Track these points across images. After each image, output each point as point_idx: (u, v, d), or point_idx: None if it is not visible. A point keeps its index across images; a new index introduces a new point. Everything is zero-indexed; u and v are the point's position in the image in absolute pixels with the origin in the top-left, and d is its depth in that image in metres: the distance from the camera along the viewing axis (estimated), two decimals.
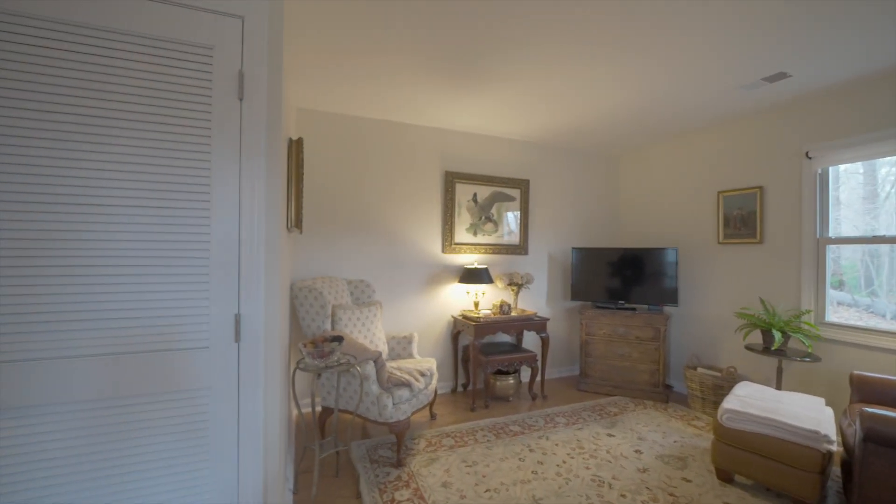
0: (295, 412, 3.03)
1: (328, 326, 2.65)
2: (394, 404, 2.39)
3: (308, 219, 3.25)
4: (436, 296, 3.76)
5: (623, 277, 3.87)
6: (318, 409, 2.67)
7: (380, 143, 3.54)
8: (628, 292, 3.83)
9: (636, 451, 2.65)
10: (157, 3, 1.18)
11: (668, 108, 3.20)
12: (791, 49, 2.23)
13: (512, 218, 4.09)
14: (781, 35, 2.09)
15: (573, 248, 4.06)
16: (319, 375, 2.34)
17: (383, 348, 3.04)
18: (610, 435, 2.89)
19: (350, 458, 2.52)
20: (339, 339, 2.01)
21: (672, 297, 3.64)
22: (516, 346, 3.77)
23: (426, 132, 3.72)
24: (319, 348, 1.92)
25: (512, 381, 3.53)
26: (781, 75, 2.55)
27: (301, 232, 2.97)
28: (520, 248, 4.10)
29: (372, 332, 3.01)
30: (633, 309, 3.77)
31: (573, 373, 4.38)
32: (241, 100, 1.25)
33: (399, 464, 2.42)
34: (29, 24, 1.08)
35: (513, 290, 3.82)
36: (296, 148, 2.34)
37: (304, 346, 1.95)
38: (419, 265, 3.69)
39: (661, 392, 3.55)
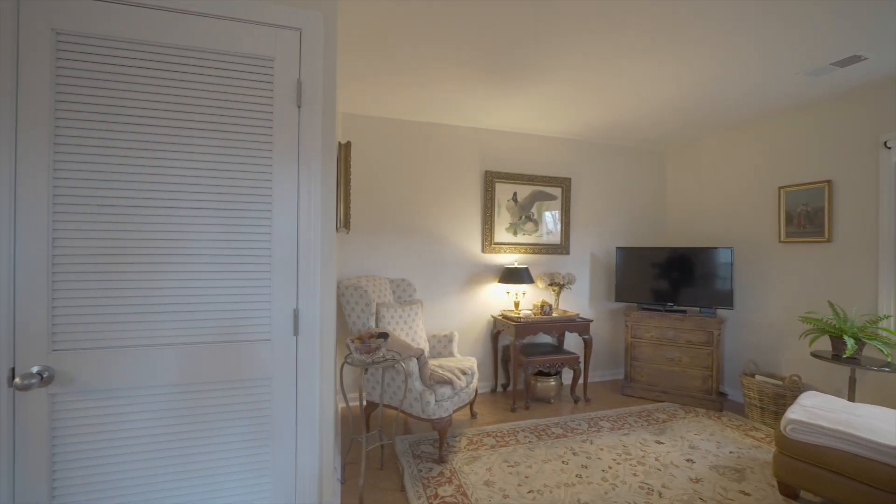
0: (341, 405, 3.15)
1: (372, 324, 2.74)
2: (436, 401, 2.43)
3: (353, 219, 3.37)
4: (475, 295, 3.77)
5: (671, 278, 3.70)
6: (363, 402, 2.76)
7: (419, 145, 3.60)
8: (677, 294, 3.66)
9: (687, 460, 2.53)
10: (226, 21, 1.27)
11: (721, 100, 3.03)
12: (867, 30, 2.05)
13: (552, 217, 4.02)
14: (857, 15, 1.93)
15: (617, 248, 3.93)
16: (366, 370, 2.43)
17: (424, 346, 3.09)
18: (658, 442, 2.78)
19: (394, 452, 2.59)
20: (385, 335, 2.07)
21: (726, 300, 3.44)
22: (558, 348, 3.71)
23: (466, 132, 3.74)
24: (366, 344, 1.99)
25: (553, 383, 3.48)
26: (855, 59, 2.35)
27: (348, 232, 3.09)
28: (561, 248, 4.03)
29: (413, 330, 3.07)
30: (683, 311, 3.60)
31: (617, 376, 4.24)
32: (299, 107, 1.32)
33: (441, 460, 2.45)
34: (126, 48, 1.20)
35: (554, 291, 3.75)
36: (344, 151, 2.44)
37: (352, 341, 2.03)
38: (459, 265, 3.72)
39: (715, 400, 3.37)
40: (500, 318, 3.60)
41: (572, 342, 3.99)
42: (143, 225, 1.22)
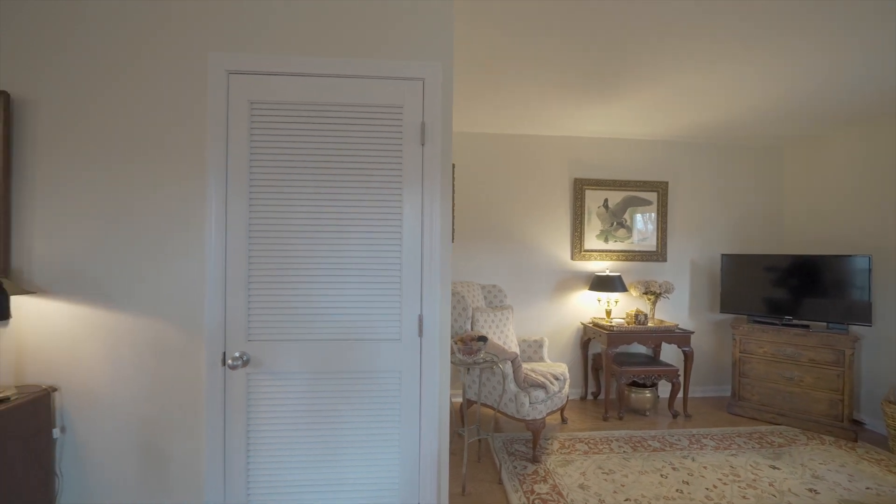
0: None
1: (468, 327, 2.96)
2: (530, 403, 2.55)
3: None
4: (565, 302, 3.80)
5: (791, 288, 3.35)
6: (464, 400, 2.99)
7: (509, 156, 3.75)
8: (798, 306, 3.30)
9: (810, 490, 2.32)
10: (366, 79, 1.57)
11: (854, 90, 2.69)
12: None
13: (645, 222, 3.88)
14: None
15: (723, 255, 3.66)
16: (468, 370, 2.65)
17: (515, 350, 3.23)
18: (774, 467, 2.57)
19: (489, 448, 2.77)
20: (484, 339, 2.26)
21: (863, 315, 3.02)
22: (653, 359, 3.57)
23: (554, 141, 3.80)
24: (468, 346, 2.20)
25: (649, 395, 3.37)
26: None
27: (452, 242, 3.37)
28: (657, 255, 3.87)
29: (505, 334, 3.23)
30: (806, 326, 3.24)
31: (721, 393, 3.93)
32: (422, 145, 1.57)
33: (535, 459, 2.57)
34: (295, 108, 1.55)
35: (649, 300, 3.63)
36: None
37: (455, 342, 2.26)
38: (548, 272, 3.79)
39: (847, 428, 2.98)
40: (590, 325, 3.59)
41: (669, 354, 3.80)
42: (308, 247, 1.56)
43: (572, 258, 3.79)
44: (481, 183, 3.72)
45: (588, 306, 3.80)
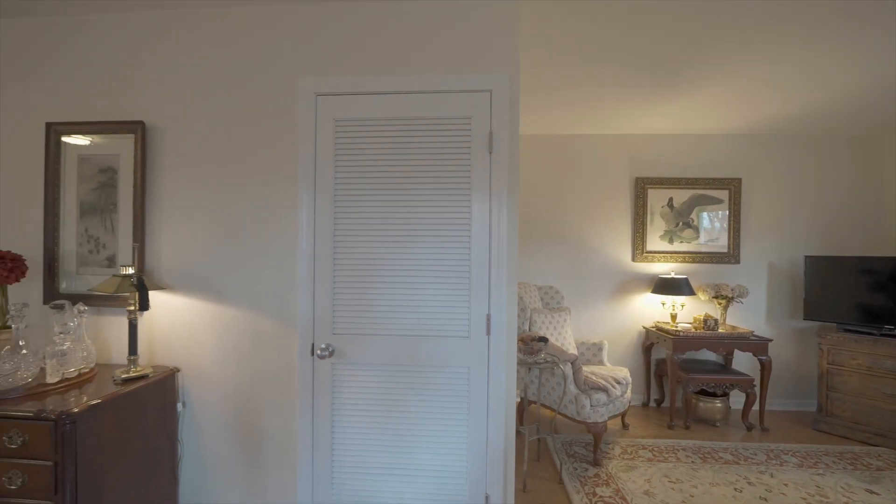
0: None
1: (527, 328, 3.00)
2: (591, 406, 2.55)
3: None
4: (625, 305, 3.70)
5: (891, 295, 3.01)
6: (525, 399, 3.04)
7: (566, 156, 3.73)
8: None
9: None
10: (437, 94, 1.69)
11: None
12: None
13: (713, 222, 3.67)
14: None
15: (806, 257, 3.37)
16: (529, 370, 2.70)
17: (574, 353, 3.21)
18: (871, 492, 2.35)
19: (548, 448, 2.80)
20: (544, 339, 2.30)
21: None
22: (724, 367, 3.38)
23: (613, 140, 3.72)
24: (529, 346, 2.25)
25: (720, 405, 3.20)
26: None
27: None
28: (728, 257, 3.65)
29: (563, 336, 3.22)
30: None
31: (805, 408, 3.62)
32: (490, 152, 1.66)
33: (596, 463, 2.56)
34: (373, 124, 1.71)
35: (720, 304, 3.44)
36: None
37: (516, 342, 2.32)
38: (607, 274, 3.71)
39: None
40: (653, 329, 3.47)
41: (743, 362, 3.56)
42: (385, 249, 1.71)
43: (633, 259, 3.69)
44: (538, 184, 3.73)
45: (651, 309, 3.67)
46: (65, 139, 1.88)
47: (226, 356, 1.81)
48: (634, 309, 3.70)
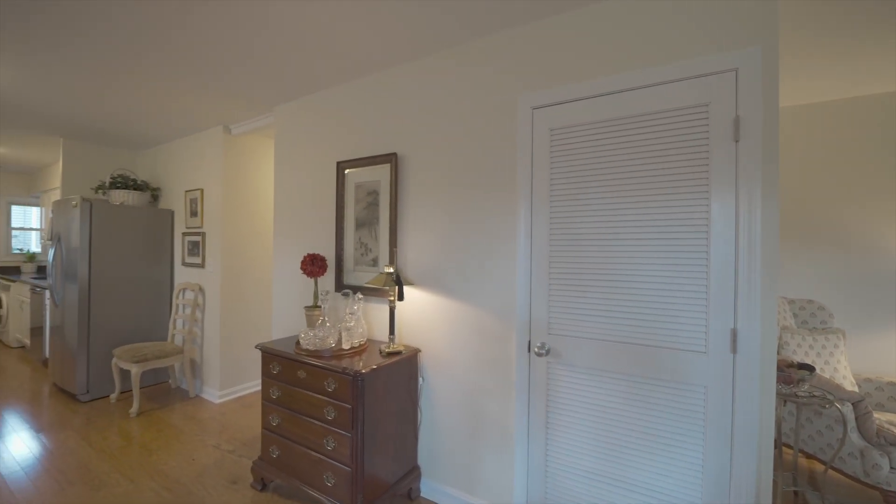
0: None
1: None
2: (891, 468, 1.86)
3: None
4: None
5: None
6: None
7: (827, 130, 2.83)
8: None
9: None
10: (662, 86, 1.56)
11: None
12: None
13: None
14: None
15: None
16: (785, 403, 2.18)
17: (854, 390, 2.40)
18: None
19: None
20: (809, 367, 1.81)
21: None
22: None
23: None
24: (785, 373, 1.81)
25: None
26: None
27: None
28: None
29: (831, 366, 2.46)
30: None
31: None
32: (736, 141, 1.42)
33: None
34: (588, 127, 1.72)
35: None
36: None
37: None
38: None
39: None
40: None
41: None
42: (603, 252, 1.68)
43: None
44: (787, 167, 2.95)
45: None
46: (347, 171, 2.58)
47: (455, 343, 2.12)
48: None
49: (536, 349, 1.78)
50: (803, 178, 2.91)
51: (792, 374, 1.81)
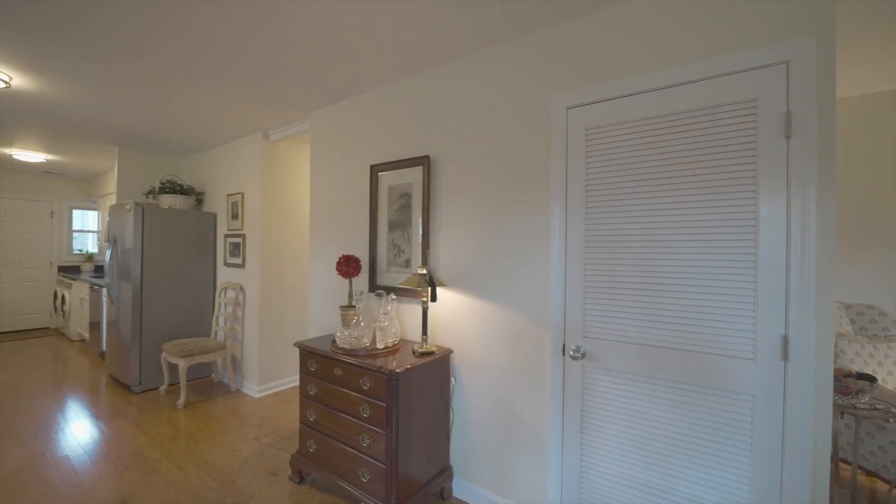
0: None
1: None
2: None
3: None
4: None
5: None
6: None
7: (884, 119, 2.62)
8: None
9: None
10: (705, 81, 1.50)
11: None
12: None
13: None
14: None
15: None
16: (842, 415, 2.05)
17: None
18: None
19: None
20: (870, 377, 1.69)
21: None
22: None
23: None
24: (843, 383, 1.70)
25: None
26: None
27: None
28: None
29: (895, 376, 2.28)
30: None
31: None
32: (787, 138, 1.35)
33: None
34: (625, 126, 1.67)
35: None
36: None
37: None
38: None
39: None
40: None
41: None
42: (641, 255, 1.64)
43: None
44: (840, 161, 2.76)
45: None
46: (380, 174, 2.63)
47: (487, 345, 2.12)
48: None
49: (571, 352, 1.75)
50: (859, 173, 2.72)
51: (850, 384, 1.70)
